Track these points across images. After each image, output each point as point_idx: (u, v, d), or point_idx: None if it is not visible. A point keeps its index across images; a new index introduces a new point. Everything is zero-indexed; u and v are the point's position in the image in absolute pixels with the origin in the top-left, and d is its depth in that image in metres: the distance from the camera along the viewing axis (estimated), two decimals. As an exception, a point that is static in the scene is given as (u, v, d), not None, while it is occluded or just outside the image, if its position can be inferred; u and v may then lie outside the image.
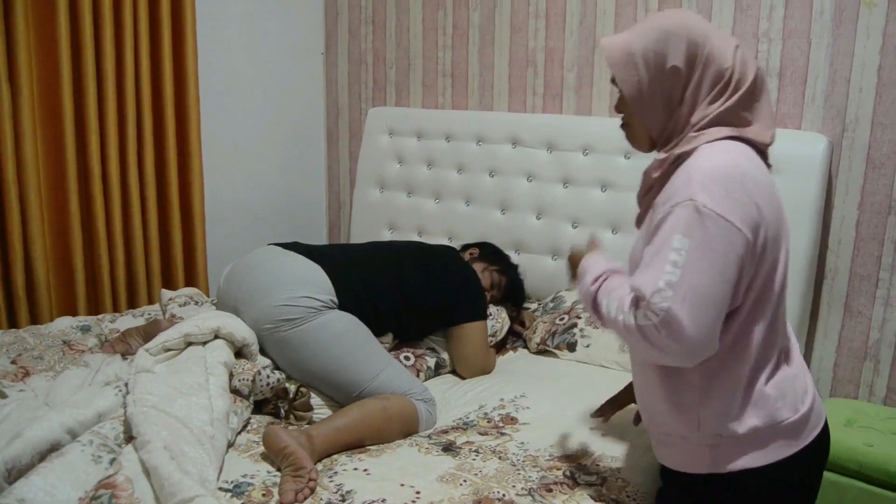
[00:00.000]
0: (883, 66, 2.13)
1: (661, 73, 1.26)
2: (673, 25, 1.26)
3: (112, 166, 2.58)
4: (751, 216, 1.16)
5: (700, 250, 1.14)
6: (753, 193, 1.17)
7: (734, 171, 1.18)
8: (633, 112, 1.32)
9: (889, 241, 2.19)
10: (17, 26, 2.29)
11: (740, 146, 1.24)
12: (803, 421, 1.28)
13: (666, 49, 1.25)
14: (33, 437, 1.44)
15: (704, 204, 1.14)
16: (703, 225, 1.14)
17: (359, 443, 1.67)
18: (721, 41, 1.26)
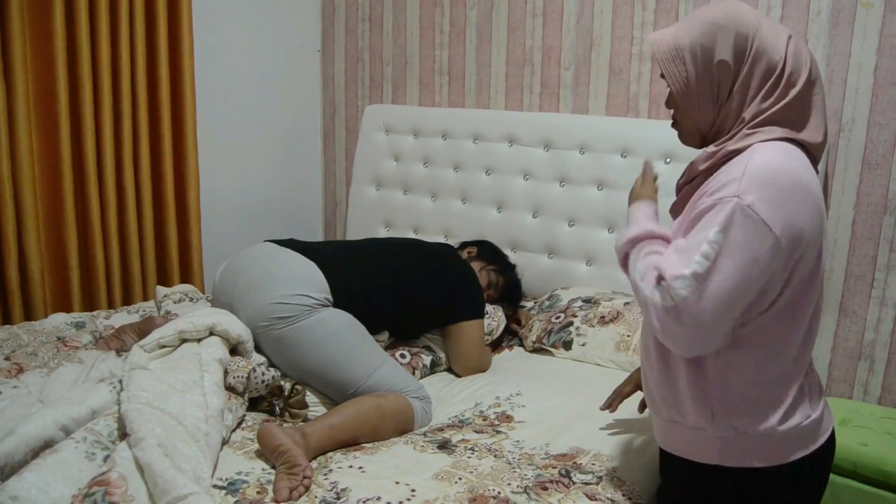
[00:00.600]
0: (879, 67, 2.14)
1: (709, 67, 1.24)
2: (721, 17, 1.23)
3: (107, 162, 2.57)
4: (793, 226, 1.14)
5: (733, 249, 1.12)
6: (801, 203, 1.15)
7: (786, 177, 1.15)
8: (682, 108, 1.30)
9: (884, 241, 2.19)
10: (12, 22, 2.28)
11: (794, 150, 1.21)
12: (816, 425, 1.27)
13: (713, 43, 1.22)
14: (27, 433, 1.43)
15: (750, 204, 1.12)
16: (742, 225, 1.12)
17: (354, 440, 1.67)
18: (772, 33, 1.22)
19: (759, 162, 1.16)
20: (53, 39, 2.39)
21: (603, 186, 2.56)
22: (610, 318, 2.25)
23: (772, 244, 1.12)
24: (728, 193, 1.14)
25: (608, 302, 2.32)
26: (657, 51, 1.28)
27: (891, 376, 2.24)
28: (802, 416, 1.25)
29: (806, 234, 1.16)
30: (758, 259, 1.12)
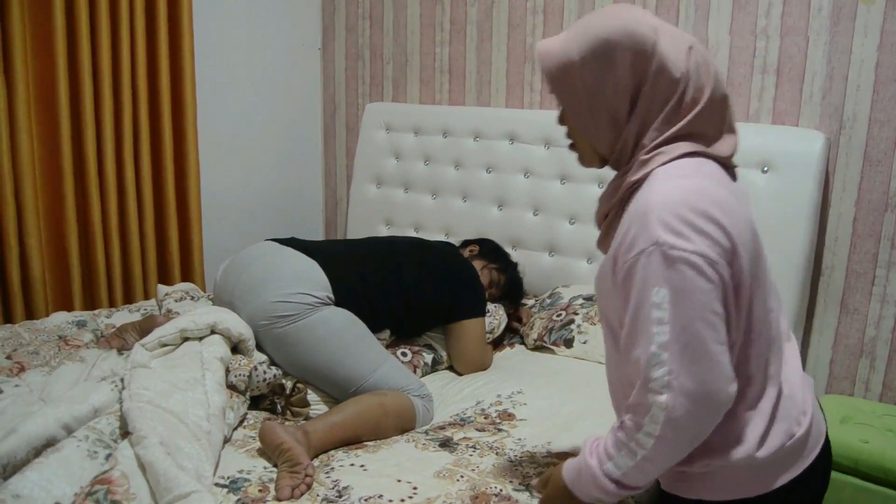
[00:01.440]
0: (881, 64, 2.13)
1: (604, 89, 1.12)
2: (616, 33, 1.10)
3: (108, 161, 2.57)
4: (723, 245, 1.04)
5: (682, 297, 1.02)
6: (720, 219, 1.05)
7: (695, 198, 1.05)
8: (576, 129, 1.19)
9: (885, 239, 2.19)
10: (12, 22, 2.28)
11: (700, 164, 1.12)
12: (801, 444, 1.18)
13: (608, 62, 1.10)
14: (29, 432, 1.43)
15: (672, 246, 1.02)
16: (676, 269, 1.02)
17: (355, 439, 1.67)
18: (672, 45, 1.11)
19: (659, 191, 1.07)
20: (54, 38, 2.39)
21: (603, 183, 2.56)
22: (611, 316, 2.25)
23: (712, 271, 1.03)
24: (644, 245, 1.04)
25: (609, 299, 2.32)
26: (544, 64, 1.15)
27: (892, 373, 2.24)
28: (784, 437, 1.15)
29: (737, 245, 1.06)
30: (708, 291, 1.03)
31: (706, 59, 1.14)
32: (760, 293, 1.14)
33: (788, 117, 2.30)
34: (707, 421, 1.07)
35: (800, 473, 1.17)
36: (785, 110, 2.31)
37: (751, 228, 1.12)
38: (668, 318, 1.03)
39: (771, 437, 1.14)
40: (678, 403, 1.04)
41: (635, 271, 1.06)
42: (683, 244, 1.02)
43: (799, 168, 2.18)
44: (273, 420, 1.68)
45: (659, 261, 1.03)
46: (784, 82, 2.30)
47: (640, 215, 1.06)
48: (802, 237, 2.18)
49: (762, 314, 1.14)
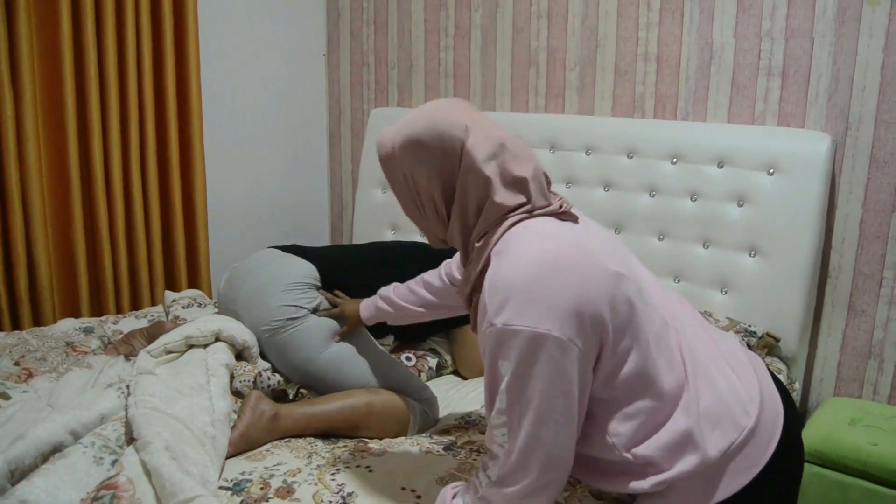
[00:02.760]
0: (886, 65, 2.13)
1: (419, 182, 1.20)
2: (425, 132, 1.18)
3: (115, 168, 2.59)
4: (564, 311, 1.05)
5: (521, 369, 1.06)
6: (558, 283, 1.06)
7: (527, 271, 1.08)
8: (409, 216, 1.28)
9: (893, 240, 2.18)
10: (19, 30, 2.30)
11: (530, 228, 1.15)
12: (754, 435, 1.17)
13: (418, 159, 1.18)
14: (36, 438, 1.44)
15: (506, 323, 1.06)
16: (512, 345, 1.06)
17: (330, 432, 1.71)
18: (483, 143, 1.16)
19: (493, 277, 1.11)
20: (60, 48, 2.41)
21: (609, 187, 2.55)
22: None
23: (551, 343, 1.05)
24: (485, 327, 1.10)
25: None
26: (378, 153, 1.25)
27: (901, 376, 2.23)
28: (734, 432, 1.15)
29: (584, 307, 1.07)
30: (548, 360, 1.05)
31: (517, 146, 1.19)
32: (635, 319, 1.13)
33: (794, 119, 2.30)
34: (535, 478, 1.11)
35: (765, 465, 1.16)
36: (790, 112, 2.30)
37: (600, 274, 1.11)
38: (505, 389, 1.09)
39: (717, 437, 1.15)
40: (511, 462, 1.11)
41: (485, 352, 1.12)
42: (517, 319, 1.06)
43: (805, 170, 2.17)
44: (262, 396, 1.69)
45: (496, 338, 1.08)
46: (789, 84, 2.29)
47: (483, 303, 1.12)
48: (809, 239, 2.17)
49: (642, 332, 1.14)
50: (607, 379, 1.14)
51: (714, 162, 2.33)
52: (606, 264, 1.13)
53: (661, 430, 1.15)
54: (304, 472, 1.51)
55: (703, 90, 2.44)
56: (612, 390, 1.15)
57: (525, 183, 1.17)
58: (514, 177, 1.17)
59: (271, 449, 1.61)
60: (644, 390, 1.15)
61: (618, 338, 1.12)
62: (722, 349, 1.27)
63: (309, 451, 1.61)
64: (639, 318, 1.14)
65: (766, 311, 2.23)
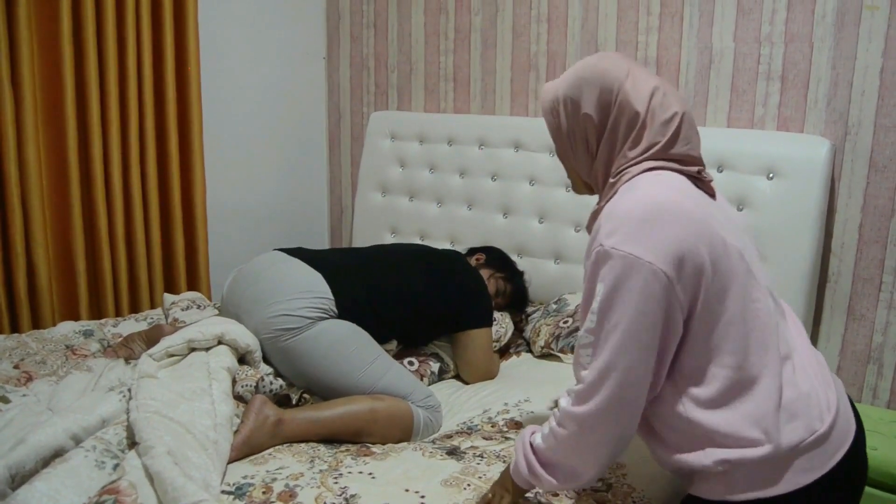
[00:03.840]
0: (885, 69, 2.13)
1: (577, 119, 1.28)
2: (589, 72, 1.27)
3: (114, 170, 2.59)
4: (669, 250, 1.12)
5: (614, 292, 1.13)
6: (671, 225, 1.14)
7: (646, 207, 1.16)
8: (561, 157, 1.35)
9: (892, 244, 2.19)
10: (19, 31, 2.30)
11: (663, 176, 1.22)
12: (823, 441, 1.18)
13: (580, 96, 1.27)
14: (37, 442, 1.44)
15: (613, 246, 1.14)
16: (613, 267, 1.13)
17: (334, 438, 1.71)
18: (637, 85, 1.24)
19: (616, 204, 1.19)
20: (60, 48, 2.41)
21: (609, 191, 2.56)
22: (617, 323, 2.25)
23: (650, 273, 1.11)
24: (593, 247, 1.18)
25: (615, 307, 2.32)
26: (542, 99, 1.34)
27: (900, 380, 2.24)
28: (805, 432, 1.17)
29: (690, 251, 1.13)
30: (641, 290, 1.12)
31: (672, 99, 1.26)
32: (734, 288, 1.18)
33: (793, 124, 2.30)
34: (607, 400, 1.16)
35: (825, 473, 1.17)
36: (790, 117, 2.31)
37: (708, 229, 1.17)
38: (597, 309, 1.15)
39: (790, 429, 1.17)
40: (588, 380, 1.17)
41: (587, 272, 1.21)
42: (624, 245, 1.13)
43: (804, 174, 2.18)
44: (266, 400, 1.69)
45: (600, 259, 1.15)
46: (788, 89, 2.30)
47: (597, 226, 1.20)
48: (808, 243, 2.17)
49: (740, 306, 1.18)
50: (696, 338, 1.18)
51: (713, 166, 2.34)
52: (722, 233, 1.19)
53: (738, 406, 1.17)
54: (306, 475, 1.51)
55: (703, 94, 2.45)
56: (698, 355, 1.19)
57: (674, 119, 1.24)
58: (665, 115, 1.23)
59: (273, 453, 1.61)
60: (732, 363, 1.18)
61: (717, 300, 1.17)
62: (812, 357, 1.31)
63: (311, 454, 1.61)
64: (739, 292, 1.18)
65: (765, 315, 2.23)
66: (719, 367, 1.18)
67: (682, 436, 1.21)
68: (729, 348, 1.17)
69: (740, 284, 1.19)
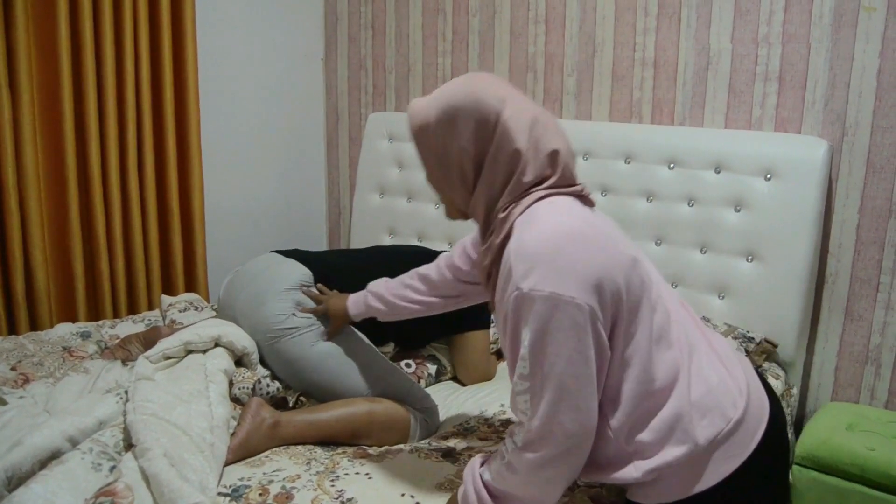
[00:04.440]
0: (882, 70, 2.13)
1: (451, 150, 1.21)
2: (462, 100, 1.19)
3: (112, 172, 2.59)
4: (587, 281, 1.09)
5: (543, 334, 1.09)
6: (583, 254, 1.11)
7: (554, 240, 1.12)
8: (431, 182, 1.29)
9: (890, 245, 2.19)
10: (17, 33, 2.30)
11: (557, 204, 1.18)
12: (740, 427, 1.20)
13: (454, 126, 1.19)
14: (34, 444, 1.44)
15: (532, 288, 1.09)
16: (536, 310, 1.09)
17: (331, 440, 1.70)
18: (517, 117, 1.18)
19: (519, 243, 1.14)
20: (58, 50, 2.40)
21: (607, 192, 2.56)
22: (615, 324, 2.25)
23: (574, 308, 1.08)
24: (510, 292, 1.12)
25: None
26: (409, 122, 1.26)
27: (898, 380, 2.24)
28: (721, 422, 1.18)
29: (605, 279, 1.11)
30: (571, 327, 1.08)
31: (550, 123, 1.21)
32: (643, 303, 1.17)
33: (791, 124, 2.31)
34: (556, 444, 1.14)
35: (748, 457, 1.19)
36: (787, 118, 2.31)
37: (613, 247, 1.16)
38: (527, 355, 1.11)
39: (706, 426, 1.18)
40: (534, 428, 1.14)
41: (508, 317, 1.14)
42: (541, 285, 1.08)
43: (802, 175, 2.18)
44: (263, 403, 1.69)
45: (521, 303, 1.11)
46: (786, 90, 2.30)
47: (507, 265, 1.14)
48: (806, 244, 2.17)
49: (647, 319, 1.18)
50: (612, 358, 1.17)
51: (711, 167, 2.34)
52: (623, 248, 1.18)
53: (653, 419, 1.18)
54: (303, 478, 1.51)
55: (701, 95, 2.45)
56: (613, 375, 1.18)
57: (556, 156, 1.20)
58: (546, 150, 1.19)
59: (270, 455, 1.61)
60: (643, 376, 1.18)
61: (629, 318, 1.16)
62: (713, 344, 1.31)
63: (308, 457, 1.61)
64: (647, 303, 1.18)
65: (763, 317, 2.23)
66: (630, 381, 1.17)
67: (610, 455, 1.21)
68: (637, 360, 1.17)
69: (648, 298, 1.18)
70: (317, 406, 1.77)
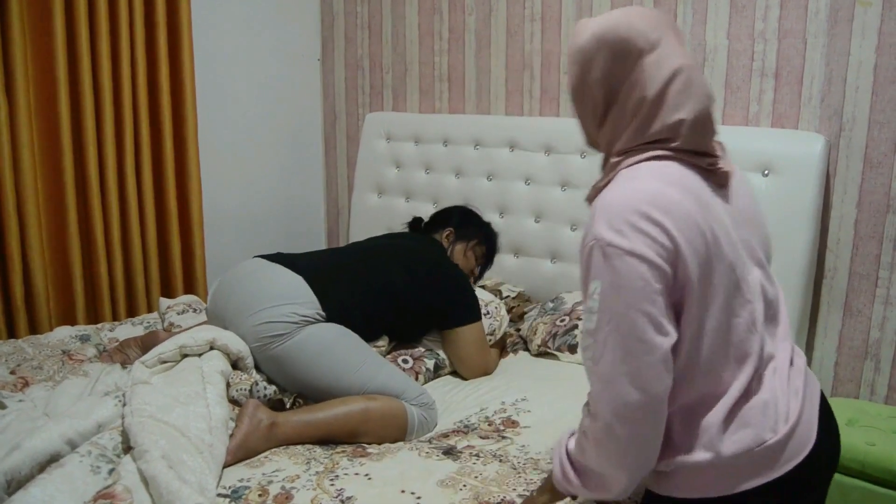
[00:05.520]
0: (879, 65, 2.13)
1: (585, 81, 1.18)
2: (612, 33, 1.15)
3: (110, 174, 2.58)
4: (660, 245, 1.07)
5: (610, 291, 1.08)
6: (662, 220, 1.08)
7: (641, 200, 1.09)
8: (574, 109, 1.26)
9: (888, 240, 2.19)
10: (13, 36, 2.30)
11: (667, 169, 1.14)
12: (772, 452, 1.15)
13: (592, 57, 1.16)
14: (33, 447, 1.44)
15: (609, 242, 1.07)
16: (610, 265, 1.07)
17: (328, 439, 1.70)
18: (658, 64, 1.13)
19: (610, 194, 1.13)
20: (54, 53, 2.40)
21: (604, 190, 2.56)
22: (614, 322, 2.25)
23: (646, 269, 1.06)
24: (588, 240, 1.11)
25: (612, 305, 2.32)
26: (570, 41, 1.21)
27: (897, 375, 2.24)
28: (752, 442, 1.14)
29: (681, 246, 1.08)
30: (640, 289, 1.06)
31: (693, 81, 1.15)
32: (718, 299, 1.13)
33: (788, 120, 2.30)
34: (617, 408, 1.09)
35: (769, 482, 1.14)
36: (784, 113, 2.31)
37: (703, 234, 1.11)
38: (596, 308, 1.10)
39: (736, 439, 1.14)
40: (594, 390, 1.13)
41: (581, 264, 1.14)
42: (620, 241, 1.07)
43: (799, 171, 2.18)
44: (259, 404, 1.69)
45: (596, 254, 1.10)
46: (783, 85, 2.30)
47: (592, 215, 1.13)
48: (804, 240, 2.17)
49: (721, 319, 1.14)
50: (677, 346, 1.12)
51: (709, 163, 2.33)
52: (720, 240, 1.13)
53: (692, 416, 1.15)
54: (302, 478, 1.51)
55: (698, 92, 2.44)
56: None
57: (679, 125, 1.14)
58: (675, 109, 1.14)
59: (269, 455, 1.61)
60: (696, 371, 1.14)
61: (696, 310, 1.11)
62: (794, 362, 1.26)
63: (307, 456, 1.61)
64: (724, 304, 1.13)
65: (762, 312, 2.23)
66: (685, 379, 1.14)
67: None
68: (700, 359, 1.14)
69: (724, 298, 1.13)
70: (313, 406, 1.77)
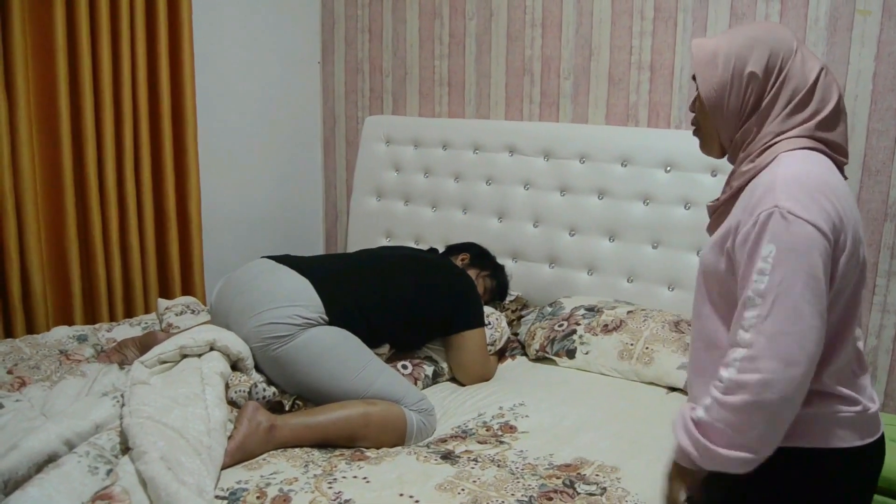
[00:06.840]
0: (878, 74, 2.14)
1: (740, 77, 1.27)
2: (762, 33, 1.28)
3: (109, 176, 2.58)
4: (832, 221, 1.16)
5: (786, 255, 1.14)
6: (833, 201, 1.17)
7: (815, 178, 1.19)
8: (706, 114, 1.33)
9: (885, 248, 2.19)
10: (13, 36, 2.29)
11: (817, 156, 1.24)
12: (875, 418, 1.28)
13: (749, 54, 1.26)
14: (30, 448, 1.43)
15: (789, 210, 1.15)
16: (788, 230, 1.14)
17: (327, 443, 1.70)
18: (807, 60, 1.26)
19: (785, 168, 1.20)
20: (55, 54, 2.40)
21: (603, 195, 2.56)
22: (613, 327, 2.25)
23: (819, 239, 1.14)
24: (765, 206, 1.17)
25: (611, 310, 2.32)
26: (695, 53, 1.32)
27: (894, 383, 2.24)
28: (874, 404, 1.28)
29: (844, 227, 1.18)
30: (811, 255, 1.14)
31: (833, 82, 1.28)
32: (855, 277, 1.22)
33: (787, 128, 2.31)
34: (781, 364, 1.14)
35: (875, 439, 1.28)
36: (783, 121, 2.31)
37: (856, 220, 1.22)
38: (769, 269, 1.15)
39: (874, 398, 1.29)
40: (758, 344, 1.15)
41: (754, 228, 1.18)
42: (801, 211, 1.14)
43: (798, 178, 2.18)
44: (259, 406, 1.69)
45: (775, 219, 1.15)
46: (782, 93, 2.30)
47: (767, 184, 1.19)
48: (802, 247, 2.18)
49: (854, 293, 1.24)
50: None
51: (707, 170, 2.34)
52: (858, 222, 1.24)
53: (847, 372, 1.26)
54: (300, 480, 1.51)
55: (697, 99, 2.45)
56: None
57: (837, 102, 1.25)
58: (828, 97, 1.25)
59: (267, 458, 1.61)
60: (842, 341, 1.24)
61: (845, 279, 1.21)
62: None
63: (305, 459, 1.61)
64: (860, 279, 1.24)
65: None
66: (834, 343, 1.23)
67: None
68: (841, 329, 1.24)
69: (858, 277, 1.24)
70: (312, 409, 1.77)
